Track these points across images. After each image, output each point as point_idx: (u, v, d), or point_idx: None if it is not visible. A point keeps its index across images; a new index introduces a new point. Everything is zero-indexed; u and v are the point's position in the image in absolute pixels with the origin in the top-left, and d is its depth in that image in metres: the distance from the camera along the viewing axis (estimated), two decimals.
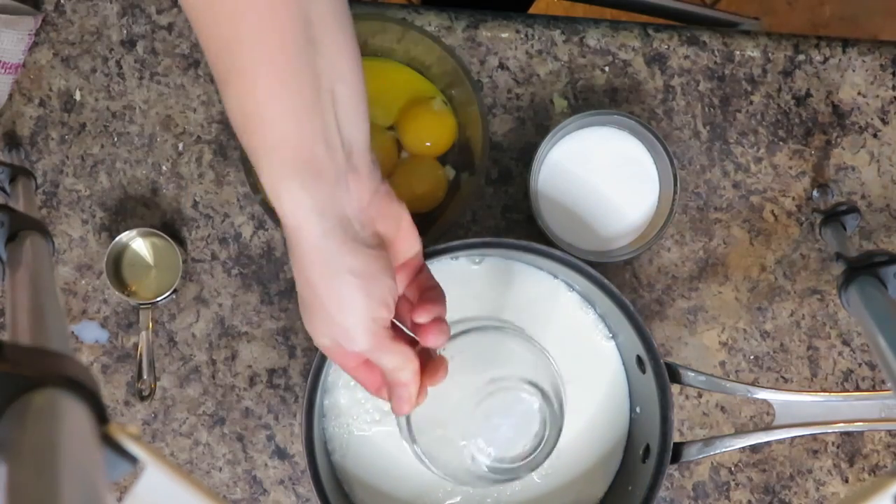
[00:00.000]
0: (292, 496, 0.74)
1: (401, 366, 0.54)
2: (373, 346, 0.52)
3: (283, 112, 0.48)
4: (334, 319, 0.51)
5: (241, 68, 0.48)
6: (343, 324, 0.51)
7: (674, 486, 0.74)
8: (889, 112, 0.76)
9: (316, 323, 0.53)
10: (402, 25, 0.69)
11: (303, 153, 0.48)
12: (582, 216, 0.71)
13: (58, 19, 0.75)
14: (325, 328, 0.52)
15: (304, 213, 0.48)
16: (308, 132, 0.48)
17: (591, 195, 0.71)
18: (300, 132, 0.48)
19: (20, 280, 0.45)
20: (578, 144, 0.71)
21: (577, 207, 0.71)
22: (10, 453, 0.26)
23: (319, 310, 0.51)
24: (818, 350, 0.75)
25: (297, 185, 0.48)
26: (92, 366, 0.74)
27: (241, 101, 0.48)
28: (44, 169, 0.74)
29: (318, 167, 0.48)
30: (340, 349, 0.54)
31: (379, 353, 0.53)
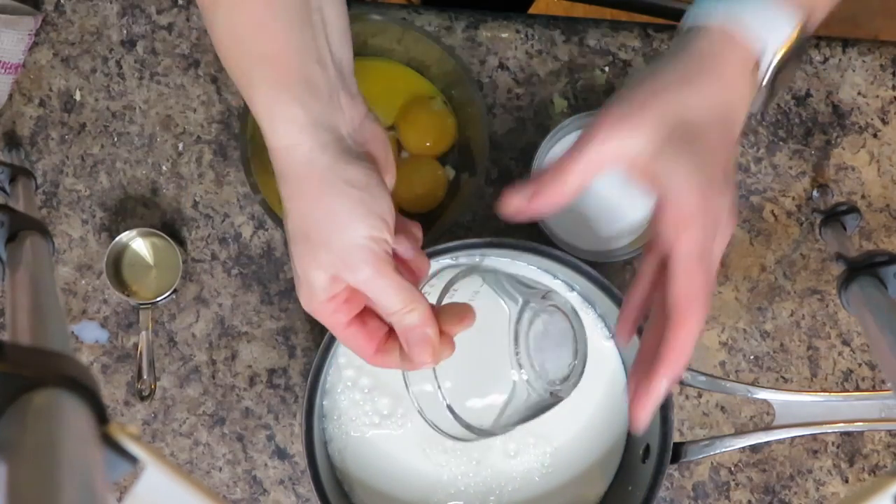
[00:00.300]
0: (292, 496, 0.74)
1: (408, 304, 0.48)
2: (375, 272, 0.47)
3: (276, 28, 0.47)
4: (332, 243, 0.47)
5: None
6: (342, 244, 0.47)
7: (674, 486, 0.74)
8: (889, 112, 0.76)
9: (311, 255, 0.48)
10: (402, 25, 0.69)
11: (297, 69, 0.47)
12: (582, 216, 0.71)
13: (58, 19, 0.75)
14: (322, 257, 0.48)
15: (299, 127, 0.47)
16: (302, 48, 0.47)
17: (591, 195, 0.71)
18: (294, 48, 0.47)
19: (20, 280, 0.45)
20: None
21: (577, 207, 0.71)
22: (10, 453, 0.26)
23: (315, 236, 0.48)
24: (818, 350, 0.75)
25: (292, 101, 0.47)
26: (92, 366, 0.74)
27: (233, 20, 0.47)
28: (44, 169, 0.74)
29: (313, 83, 0.47)
30: (334, 296, 0.49)
31: (382, 285, 0.48)
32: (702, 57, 0.46)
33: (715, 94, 0.46)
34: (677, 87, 0.46)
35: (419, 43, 0.70)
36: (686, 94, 0.45)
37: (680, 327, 0.45)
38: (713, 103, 0.46)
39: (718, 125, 0.46)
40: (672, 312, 0.45)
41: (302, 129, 0.47)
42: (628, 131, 0.45)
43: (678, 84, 0.46)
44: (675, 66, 0.46)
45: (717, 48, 0.46)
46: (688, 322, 0.45)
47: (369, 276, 0.47)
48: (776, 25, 0.46)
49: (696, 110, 0.45)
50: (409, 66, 0.73)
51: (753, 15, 0.46)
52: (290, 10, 0.47)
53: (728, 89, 0.46)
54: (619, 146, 0.45)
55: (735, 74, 0.47)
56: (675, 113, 0.45)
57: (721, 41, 0.46)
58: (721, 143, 0.46)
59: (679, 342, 0.45)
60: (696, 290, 0.45)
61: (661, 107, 0.45)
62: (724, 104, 0.46)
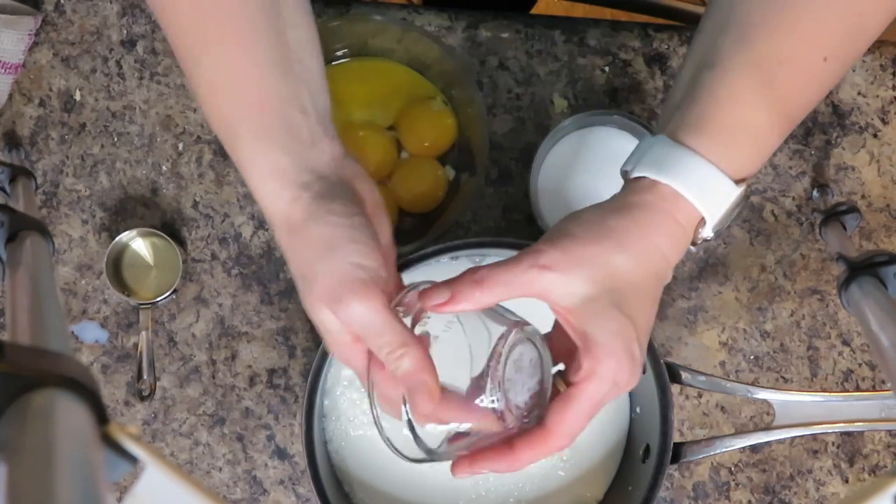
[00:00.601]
0: (292, 496, 0.74)
1: (396, 347, 0.46)
2: (361, 305, 0.46)
3: (258, 79, 0.49)
4: (319, 274, 0.47)
5: (213, 38, 0.49)
6: (328, 272, 0.47)
7: (674, 486, 0.74)
8: (889, 112, 0.76)
9: (309, 293, 0.48)
10: (402, 25, 0.69)
11: (280, 117, 0.49)
12: None
13: (58, 19, 0.75)
14: (316, 292, 0.48)
15: (282, 173, 0.48)
16: (284, 97, 0.49)
17: (592, 195, 0.71)
18: (277, 97, 0.49)
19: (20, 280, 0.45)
20: (578, 144, 0.71)
21: (577, 207, 0.71)
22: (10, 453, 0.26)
23: (309, 272, 0.48)
24: (818, 350, 0.75)
25: (276, 149, 0.48)
26: (92, 366, 0.74)
27: (216, 72, 0.49)
28: (44, 169, 0.74)
29: (295, 130, 0.49)
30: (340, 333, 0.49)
31: (368, 321, 0.46)
32: (648, 218, 0.48)
33: (650, 263, 0.48)
34: (615, 250, 0.47)
35: (419, 43, 0.70)
36: (622, 260, 0.47)
37: (539, 441, 0.48)
38: (647, 273, 0.48)
39: (648, 291, 0.48)
40: (544, 427, 0.48)
41: (285, 174, 0.48)
42: (560, 280, 0.47)
43: (617, 247, 0.47)
44: (619, 223, 0.48)
45: (663, 206, 0.48)
46: (545, 444, 0.48)
47: (355, 310, 0.46)
48: (725, 188, 0.48)
49: (629, 277, 0.47)
50: (409, 66, 0.73)
51: (704, 179, 0.48)
52: (271, 61, 0.49)
53: (664, 259, 0.48)
54: (547, 287, 0.47)
55: (676, 238, 0.49)
56: (607, 276, 0.47)
57: (669, 201, 0.48)
58: (646, 304, 0.49)
59: (529, 451, 0.48)
60: (572, 428, 0.48)
61: (595, 269, 0.47)
62: (657, 272, 0.49)
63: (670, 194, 0.48)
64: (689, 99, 0.49)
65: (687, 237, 0.49)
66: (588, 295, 0.47)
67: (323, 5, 0.75)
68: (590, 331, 0.47)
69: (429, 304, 0.48)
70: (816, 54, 0.48)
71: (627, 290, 0.47)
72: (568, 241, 0.47)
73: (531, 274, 0.47)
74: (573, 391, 0.47)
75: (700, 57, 0.50)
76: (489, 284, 0.47)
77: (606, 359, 0.46)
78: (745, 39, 0.49)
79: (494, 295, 0.47)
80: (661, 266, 0.48)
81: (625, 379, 0.47)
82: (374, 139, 0.72)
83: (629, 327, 0.47)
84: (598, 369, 0.46)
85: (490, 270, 0.47)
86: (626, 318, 0.47)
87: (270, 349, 0.74)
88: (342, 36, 0.71)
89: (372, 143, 0.71)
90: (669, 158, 0.48)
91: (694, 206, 0.48)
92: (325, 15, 0.75)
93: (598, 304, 0.46)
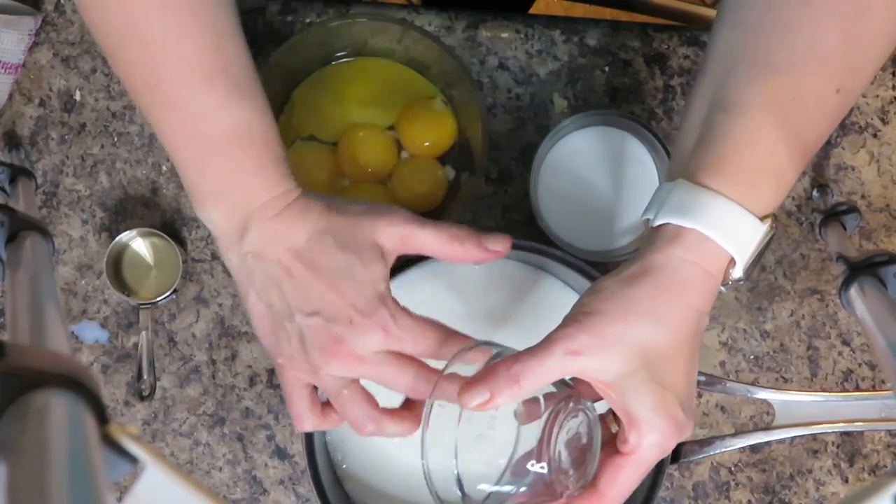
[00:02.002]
0: (292, 496, 0.74)
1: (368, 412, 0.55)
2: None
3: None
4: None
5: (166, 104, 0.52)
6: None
7: (674, 486, 0.74)
8: (889, 112, 0.76)
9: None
10: (402, 25, 0.69)
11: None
12: (582, 216, 0.71)
13: (58, 19, 0.75)
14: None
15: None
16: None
17: (591, 195, 0.71)
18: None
19: (20, 280, 0.45)
20: (578, 144, 0.71)
21: (577, 207, 0.71)
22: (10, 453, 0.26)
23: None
24: (818, 350, 0.75)
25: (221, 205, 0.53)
26: (92, 366, 0.74)
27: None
28: (44, 169, 0.74)
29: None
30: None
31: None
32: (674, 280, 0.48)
33: (684, 324, 0.48)
34: (643, 323, 0.47)
35: (419, 43, 0.70)
36: (653, 333, 0.47)
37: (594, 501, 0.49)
38: (682, 335, 0.48)
39: (684, 352, 0.48)
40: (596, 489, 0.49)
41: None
42: (593, 361, 0.47)
43: (645, 320, 0.47)
44: (645, 293, 0.48)
45: (690, 260, 0.48)
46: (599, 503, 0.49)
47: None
48: (751, 226, 0.48)
49: (662, 347, 0.47)
50: (409, 66, 0.73)
51: (730, 219, 0.47)
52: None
53: (697, 313, 0.48)
54: (583, 369, 0.48)
55: (706, 288, 0.48)
56: (639, 352, 0.47)
57: (695, 250, 0.48)
58: (684, 366, 0.48)
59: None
60: (622, 492, 0.49)
61: (626, 346, 0.47)
62: (693, 329, 0.48)
63: (696, 242, 0.47)
64: (704, 142, 0.49)
65: (717, 282, 0.49)
66: (623, 371, 0.47)
67: (323, 5, 0.75)
68: (630, 406, 0.47)
69: (469, 406, 0.48)
70: (829, 88, 0.48)
71: (662, 360, 0.47)
72: (596, 320, 0.47)
73: (565, 361, 0.47)
74: (623, 460, 0.48)
75: (711, 98, 0.50)
76: (525, 378, 0.47)
77: (650, 433, 0.47)
78: (757, 79, 0.48)
79: (531, 386, 0.48)
80: (695, 322, 0.48)
81: (672, 444, 0.48)
82: (374, 139, 0.72)
83: (668, 398, 0.47)
84: (644, 442, 0.48)
85: (524, 364, 0.47)
86: (663, 390, 0.47)
87: None
88: (342, 36, 0.71)
89: (372, 143, 0.71)
90: (692, 202, 0.48)
91: (722, 247, 0.47)
92: (325, 15, 0.75)
93: (634, 379, 0.47)
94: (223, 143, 0.52)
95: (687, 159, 0.50)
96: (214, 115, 0.51)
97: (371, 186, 0.72)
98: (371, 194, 0.71)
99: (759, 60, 0.49)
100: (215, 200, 0.53)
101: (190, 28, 0.50)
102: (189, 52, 0.50)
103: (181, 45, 0.50)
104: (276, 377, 0.74)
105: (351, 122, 0.72)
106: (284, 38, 0.72)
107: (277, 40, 0.71)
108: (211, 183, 0.53)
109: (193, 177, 0.53)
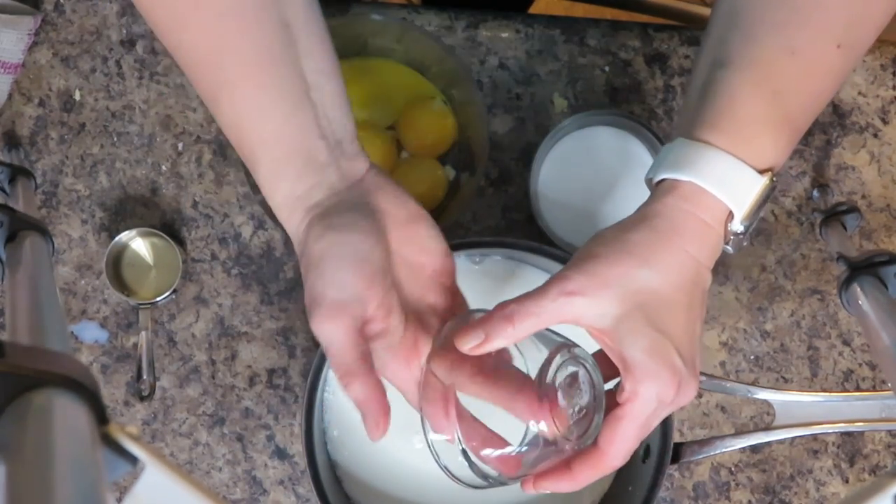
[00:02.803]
0: (292, 496, 0.74)
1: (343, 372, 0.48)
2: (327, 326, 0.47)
3: (274, 111, 0.50)
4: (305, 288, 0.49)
5: (229, 80, 0.50)
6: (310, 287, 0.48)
7: (674, 486, 0.74)
8: (889, 112, 0.76)
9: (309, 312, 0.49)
10: (402, 25, 0.69)
11: (295, 147, 0.50)
12: (582, 216, 0.71)
13: (57, 19, 0.75)
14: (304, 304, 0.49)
15: (297, 198, 0.50)
16: (299, 126, 0.50)
17: (592, 195, 0.71)
18: (292, 127, 0.50)
19: (20, 280, 0.45)
20: (578, 144, 0.71)
21: (578, 207, 0.71)
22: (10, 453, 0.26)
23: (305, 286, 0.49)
24: (818, 350, 0.75)
25: (290, 176, 0.50)
26: (92, 366, 0.74)
27: (234, 109, 0.50)
28: (43, 169, 0.74)
29: (310, 156, 0.50)
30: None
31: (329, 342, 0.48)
32: (670, 225, 0.47)
33: (681, 270, 0.47)
34: (639, 265, 0.47)
35: (419, 43, 0.69)
36: (648, 275, 0.47)
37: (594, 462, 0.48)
38: (679, 282, 0.47)
39: (681, 300, 0.48)
40: (597, 447, 0.48)
41: (299, 200, 0.50)
42: (589, 302, 0.46)
43: (641, 262, 0.47)
44: (641, 236, 0.47)
45: (685, 207, 0.48)
46: (601, 463, 0.48)
47: (318, 328, 0.48)
48: (748, 178, 0.48)
49: (658, 291, 0.47)
50: (409, 66, 0.73)
51: (725, 171, 0.47)
52: (286, 94, 0.50)
53: (695, 262, 0.48)
54: (578, 312, 0.47)
55: (704, 238, 0.48)
56: (635, 293, 0.46)
57: (691, 200, 0.48)
58: (682, 314, 0.48)
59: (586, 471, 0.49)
60: (623, 448, 0.48)
61: (622, 288, 0.46)
62: (691, 278, 0.48)
63: (691, 192, 0.47)
64: (703, 100, 0.49)
65: (717, 235, 0.48)
66: (619, 315, 0.46)
67: (323, 5, 0.75)
68: (626, 351, 0.46)
69: (464, 349, 0.47)
70: (829, 42, 0.48)
71: (658, 305, 0.47)
72: (592, 263, 0.47)
73: (560, 302, 0.46)
74: (619, 412, 0.48)
75: (712, 57, 0.50)
76: (520, 318, 0.47)
77: (645, 378, 0.46)
78: (756, 34, 0.49)
79: (526, 328, 0.47)
80: (693, 271, 0.48)
81: (670, 394, 0.47)
82: (374, 139, 0.72)
83: (664, 342, 0.46)
84: (639, 389, 0.46)
85: (519, 304, 0.47)
86: (659, 334, 0.46)
87: (270, 349, 0.74)
88: (342, 36, 0.70)
89: (372, 143, 0.71)
90: (687, 156, 0.48)
91: (718, 199, 0.47)
92: (325, 15, 0.75)
93: (630, 323, 0.46)
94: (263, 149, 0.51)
95: (687, 119, 0.50)
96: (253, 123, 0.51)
97: None
98: None
99: (759, 18, 0.49)
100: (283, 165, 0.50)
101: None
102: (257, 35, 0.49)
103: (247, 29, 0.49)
104: (276, 377, 0.74)
105: None
106: None
107: None
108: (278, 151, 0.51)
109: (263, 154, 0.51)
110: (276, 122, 0.50)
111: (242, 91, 0.50)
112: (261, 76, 0.49)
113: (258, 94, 0.50)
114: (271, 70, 0.49)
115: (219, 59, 0.50)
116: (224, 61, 0.50)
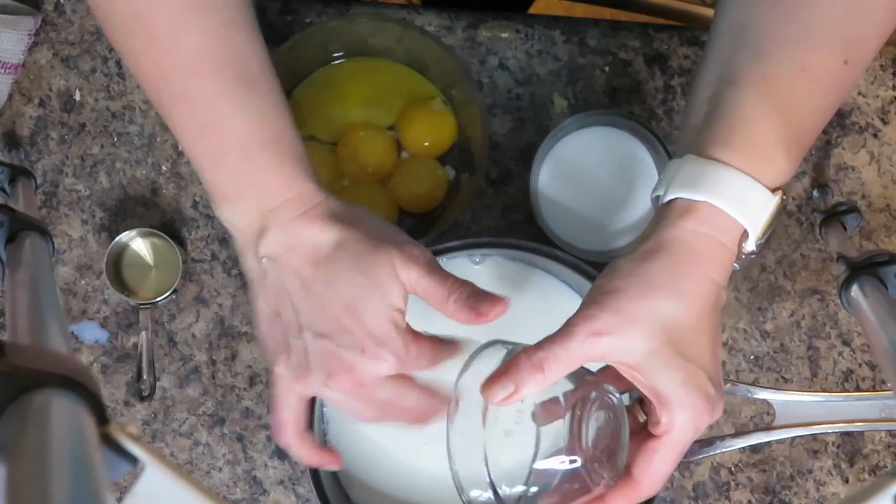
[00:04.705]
0: (292, 496, 0.74)
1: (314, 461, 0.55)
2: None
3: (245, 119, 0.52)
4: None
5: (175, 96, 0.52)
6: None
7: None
8: (889, 112, 0.76)
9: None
10: (402, 25, 0.69)
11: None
12: (582, 216, 0.71)
13: (57, 19, 0.75)
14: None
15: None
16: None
17: (592, 195, 0.71)
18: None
19: (20, 280, 0.45)
20: (578, 144, 0.71)
21: (578, 207, 0.71)
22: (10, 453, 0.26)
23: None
24: (818, 350, 0.75)
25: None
26: (92, 366, 0.74)
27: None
28: (44, 169, 0.74)
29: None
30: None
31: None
32: (689, 252, 0.47)
33: (703, 297, 0.47)
34: (663, 298, 0.46)
35: (419, 43, 0.70)
36: (673, 307, 0.46)
37: (629, 492, 0.49)
38: (702, 308, 0.47)
39: (706, 325, 0.47)
40: (631, 475, 0.49)
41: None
42: (616, 339, 0.46)
43: (664, 295, 0.46)
44: (661, 267, 0.47)
45: (703, 232, 0.47)
46: (635, 494, 0.49)
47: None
48: (763, 198, 0.48)
49: (684, 321, 0.47)
50: (409, 66, 0.73)
51: (742, 191, 0.47)
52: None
53: (714, 285, 0.48)
54: (606, 350, 0.47)
55: (721, 260, 0.48)
56: (662, 327, 0.46)
57: (708, 223, 0.47)
58: (708, 340, 0.48)
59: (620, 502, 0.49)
60: (658, 477, 0.49)
61: (649, 323, 0.46)
62: (712, 302, 0.48)
63: (708, 214, 0.47)
64: (713, 116, 0.49)
65: (732, 254, 0.48)
66: (648, 350, 0.46)
67: (323, 5, 0.75)
68: (659, 385, 0.46)
69: (494, 400, 0.47)
70: (837, 59, 0.48)
71: (686, 335, 0.47)
72: (614, 298, 0.47)
73: (588, 343, 0.46)
74: (656, 444, 0.48)
75: (719, 74, 0.50)
76: (548, 364, 0.46)
77: (681, 411, 0.46)
78: (766, 52, 0.48)
79: (556, 373, 0.47)
80: (714, 295, 0.48)
81: (706, 420, 0.47)
82: (374, 139, 0.72)
83: (697, 372, 0.46)
84: (676, 421, 0.47)
85: (547, 351, 0.47)
86: (690, 364, 0.46)
87: None
88: (342, 36, 0.71)
89: (372, 143, 0.71)
90: (703, 175, 0.47)
91: (735, 219, 0.47)
92: (325, 15, 0.75)
93: (660, 356, 0.46)
94: (235, 136, 0.50)
95: (695, 135, 0.49)
96: (223, 108, 0.50)
97: (371, 186, 0.72)
98: (371, 194, 0.71)
99: (768, 34, 0.48)
100: (232, 198, 0.51)
101: (196, 18, 0.49)
102: (194, 43, 0.49)
103: (187, 35, 0.49)
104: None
105: (351, 122, 0.72)
106: (284, 38, 0.72)
107: (277, 40, 0.71)
108: (226, 179, 0.51)
109: (208, 174, 0.51)
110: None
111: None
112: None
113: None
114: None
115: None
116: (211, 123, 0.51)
